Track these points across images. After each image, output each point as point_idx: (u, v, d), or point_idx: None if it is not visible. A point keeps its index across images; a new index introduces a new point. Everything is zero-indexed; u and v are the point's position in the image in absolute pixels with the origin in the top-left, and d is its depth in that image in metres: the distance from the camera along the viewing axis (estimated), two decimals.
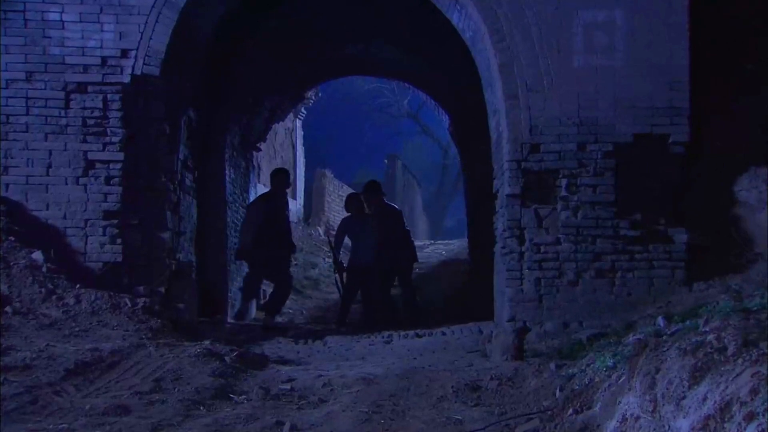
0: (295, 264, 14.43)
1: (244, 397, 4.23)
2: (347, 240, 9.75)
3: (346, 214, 9.92)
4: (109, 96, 6.37)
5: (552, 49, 6.14)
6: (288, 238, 9.09)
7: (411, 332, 7.41)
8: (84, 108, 6.35)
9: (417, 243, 24.15)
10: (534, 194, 6.09)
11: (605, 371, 3.62)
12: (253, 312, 10.21)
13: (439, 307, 10.19)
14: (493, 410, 3.91)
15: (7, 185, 6.28)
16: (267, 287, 9.88)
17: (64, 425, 3.40)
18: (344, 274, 9.46)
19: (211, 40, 7.32)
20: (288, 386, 4.57)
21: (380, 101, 30.38)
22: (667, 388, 2.32)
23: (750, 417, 1.89)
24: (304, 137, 20.22)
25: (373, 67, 11.23)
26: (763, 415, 1.86)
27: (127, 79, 6.39)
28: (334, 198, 21.14)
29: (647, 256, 6.00)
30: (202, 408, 3.90)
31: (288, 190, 8.97)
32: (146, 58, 6.41)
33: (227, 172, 9.01)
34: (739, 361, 2.19)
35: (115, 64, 6.40)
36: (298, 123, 19.23)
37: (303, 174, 20.18)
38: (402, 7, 8.55)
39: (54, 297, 5.68)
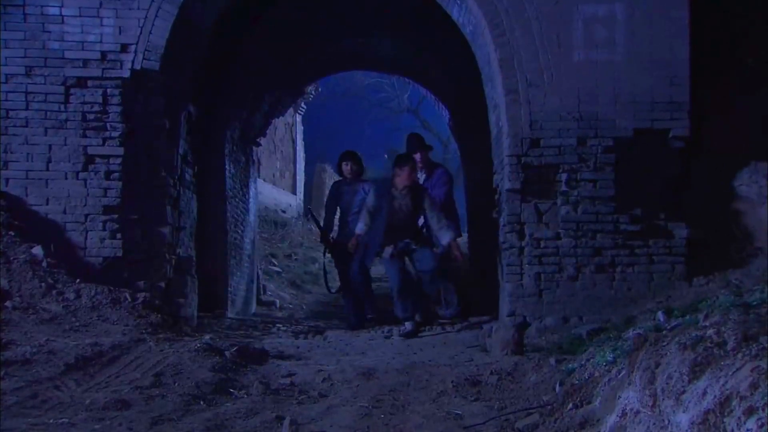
0: (296, 259, 14.47)
1: (244, 391, 4.23)
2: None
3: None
4: (108, 91, 6.36)
5: (552, 44, 6.13)
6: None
7: None
8: (84, 103, 6.34)
9: None
10: (534, 189, 6.09)
11: (605, 366, 3.62)
12: (253, 308, 10.23)
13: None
14: (493, 405, 3.92)
15: (6, 180, 6.27)
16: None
17: (64, 420, 3.40)
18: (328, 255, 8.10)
19: (211, 34, 7.31)
20: (288, 381, 4.57)
21: (380, 96, 30.35)
22: (666, 383, 2.32)
23: (750, 411, 1.89)
24: (304, 132, 20.23)
25: (373, 62, 11.22)
26: (763, 410, 1.86)
27: (126, 74, 6.38)
28: None
29: (647, 251, 6.00)
30: (202, 402, 3.90)
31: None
32: (146, 52, 6.39)
33: (227, 167, 9.00)
34: (739, 355, 2.19)
35: (115, 58, 6.38)
36: (298, 118, 19.23)
37: (303, 169, 20.20)
38: (402, 1, 8.53)
39: (54, 292, 5.68)
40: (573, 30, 6.13)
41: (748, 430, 1.86)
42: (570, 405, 3.24)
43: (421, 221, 7.29)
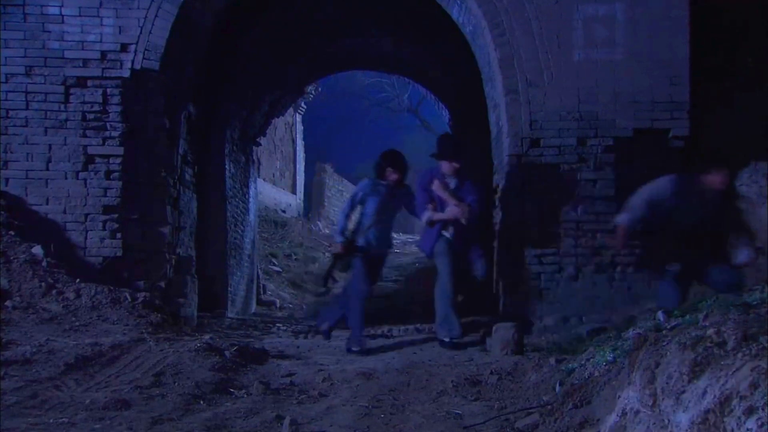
0: (296, 258, 14.47)
1: (244, 391, 4.23)
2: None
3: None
4: (108, 90, 6.37)
5: (552, 44, 6.14)
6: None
7: (411, 327, 7.41)
8: (84, 102, 6.35)
9: (417, 238, 24.18)
10: (534, 189, 6.09)
11: (605, 366, 3.62)
12: (253, 308, 10.23)
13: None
14: (493, 405, 3.91)
15: (6, 180, 6.28)
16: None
17: (64, 419, 3.40)
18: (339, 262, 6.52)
19: (211, 34, 7.31)
20: (288, 381, 4.57)
21: (380, 96, 30.36)
22: (666, 383, 2.32)
23: (750, 411, 1.89)
24: (304, 132, 20.23)
25: (373, 62, 11.23)
26: (763, 410, 1.85)
27: (126, 74, 6.39)
28: (333, 192, 21.17)
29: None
30: (202, 402, 3.90)
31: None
32: (146, 52, 6.40)
33: (227, 166, 9.00)
34: (739, 355, 2.18)
35: (115, 58, 6.39)
36: (298, 117, 19.25)
37: (303, 169, 20.20)
38: (402, 1, 8.53)
39: (54, 292, 5.68)
40: (573, 30, 6.14)
41: (748, 429, 1.86)
42: (570, 405, 3.24)
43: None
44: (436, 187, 6.24)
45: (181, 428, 3.40)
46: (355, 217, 6.55)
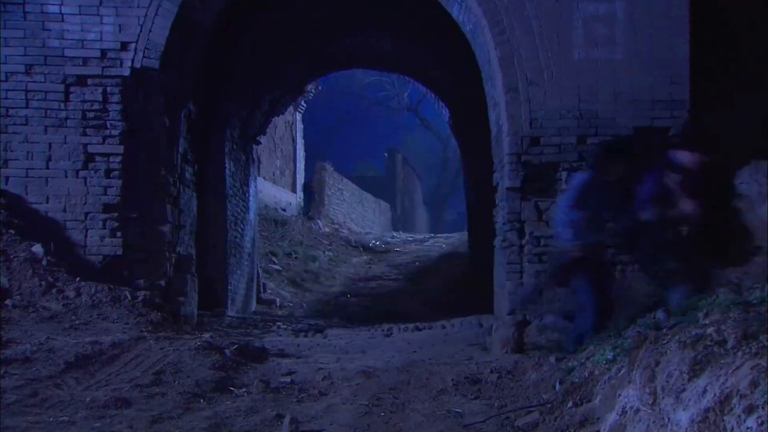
0: (296, 257, 14.47)
1: (244, 390, 4.23)
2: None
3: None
4: (108, 89, 6.36)
5: (552, 42, 6.13)
6: None
7: (411, 325, 7.43)
8: (84, 101, 6.34)
9: (417, 236, 24.05)
10: (534, 187, 6.08)
11: (605, 364, 3.62)
12: (253, 306, 10.23)
13: (440, 300, 10.19)
14: (493, 403, 3.92)
15: (7, 178, 6.27)
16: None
17: (64, 418, 3.40)
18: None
19: (211, 34, 7.30)
20: (288, 379, 4.58)
21: (380, 95, 30.39)
22: (666, 381, 2.32)
23: (750, 409, 1.89)
24: (304, 130, 20.23)
25: (373, 61, 11.23)
26: (763, 408, 1.86)
27: (126, 72, 6.38)
28: (334, 191, 21.16)
29: (647, 249, 5.98)
30: (202, 401, 3.91)
31: None
32: (146, 51, 6.39)
33: (227, 165, 9.00)
34: (739, 353, 2.19)
35: (115, 57, 6.38)
36: (298, 116, 19.24)
37: (303, 167, 20.20)
38: (402, 0, 8.53)
39: (54, 290, 5.68)
40: (573, 28, 6.13)
41: (748, 428, 1.86)
42: (570, 403, 3.25)
43: None
44: (675, 182, 5.26)
45: (182, 427, 3.40)
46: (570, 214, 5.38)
